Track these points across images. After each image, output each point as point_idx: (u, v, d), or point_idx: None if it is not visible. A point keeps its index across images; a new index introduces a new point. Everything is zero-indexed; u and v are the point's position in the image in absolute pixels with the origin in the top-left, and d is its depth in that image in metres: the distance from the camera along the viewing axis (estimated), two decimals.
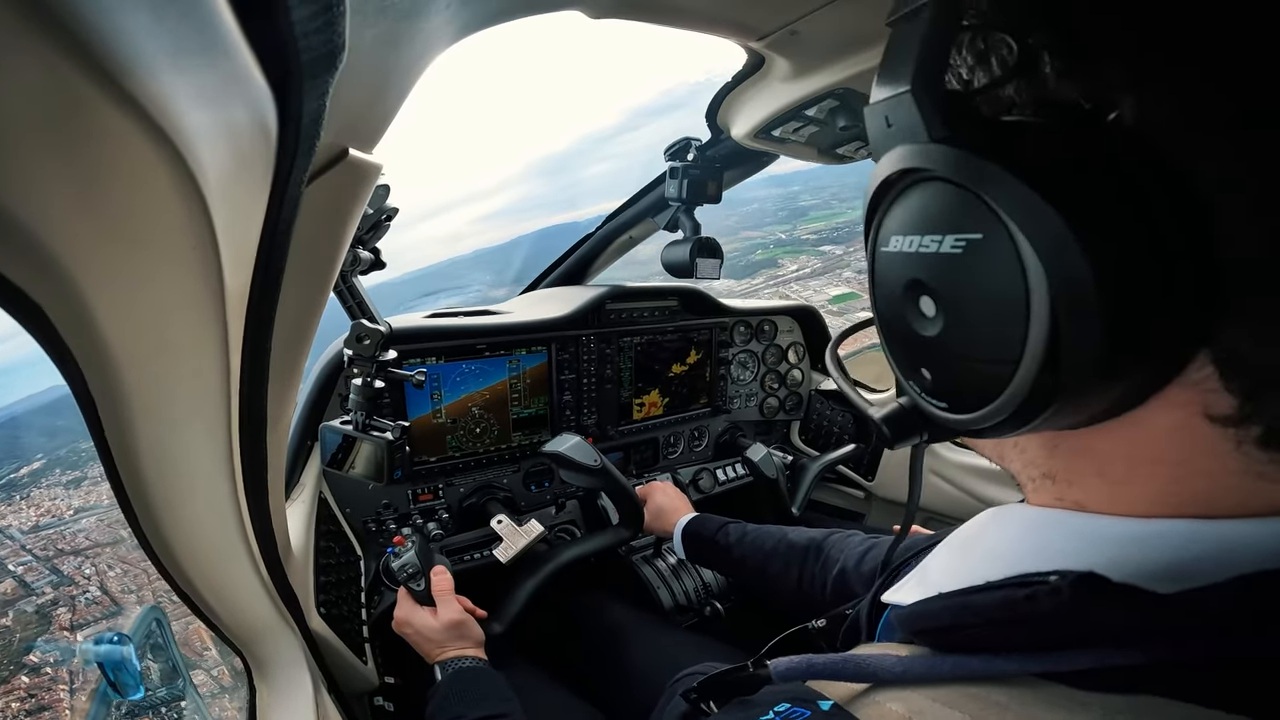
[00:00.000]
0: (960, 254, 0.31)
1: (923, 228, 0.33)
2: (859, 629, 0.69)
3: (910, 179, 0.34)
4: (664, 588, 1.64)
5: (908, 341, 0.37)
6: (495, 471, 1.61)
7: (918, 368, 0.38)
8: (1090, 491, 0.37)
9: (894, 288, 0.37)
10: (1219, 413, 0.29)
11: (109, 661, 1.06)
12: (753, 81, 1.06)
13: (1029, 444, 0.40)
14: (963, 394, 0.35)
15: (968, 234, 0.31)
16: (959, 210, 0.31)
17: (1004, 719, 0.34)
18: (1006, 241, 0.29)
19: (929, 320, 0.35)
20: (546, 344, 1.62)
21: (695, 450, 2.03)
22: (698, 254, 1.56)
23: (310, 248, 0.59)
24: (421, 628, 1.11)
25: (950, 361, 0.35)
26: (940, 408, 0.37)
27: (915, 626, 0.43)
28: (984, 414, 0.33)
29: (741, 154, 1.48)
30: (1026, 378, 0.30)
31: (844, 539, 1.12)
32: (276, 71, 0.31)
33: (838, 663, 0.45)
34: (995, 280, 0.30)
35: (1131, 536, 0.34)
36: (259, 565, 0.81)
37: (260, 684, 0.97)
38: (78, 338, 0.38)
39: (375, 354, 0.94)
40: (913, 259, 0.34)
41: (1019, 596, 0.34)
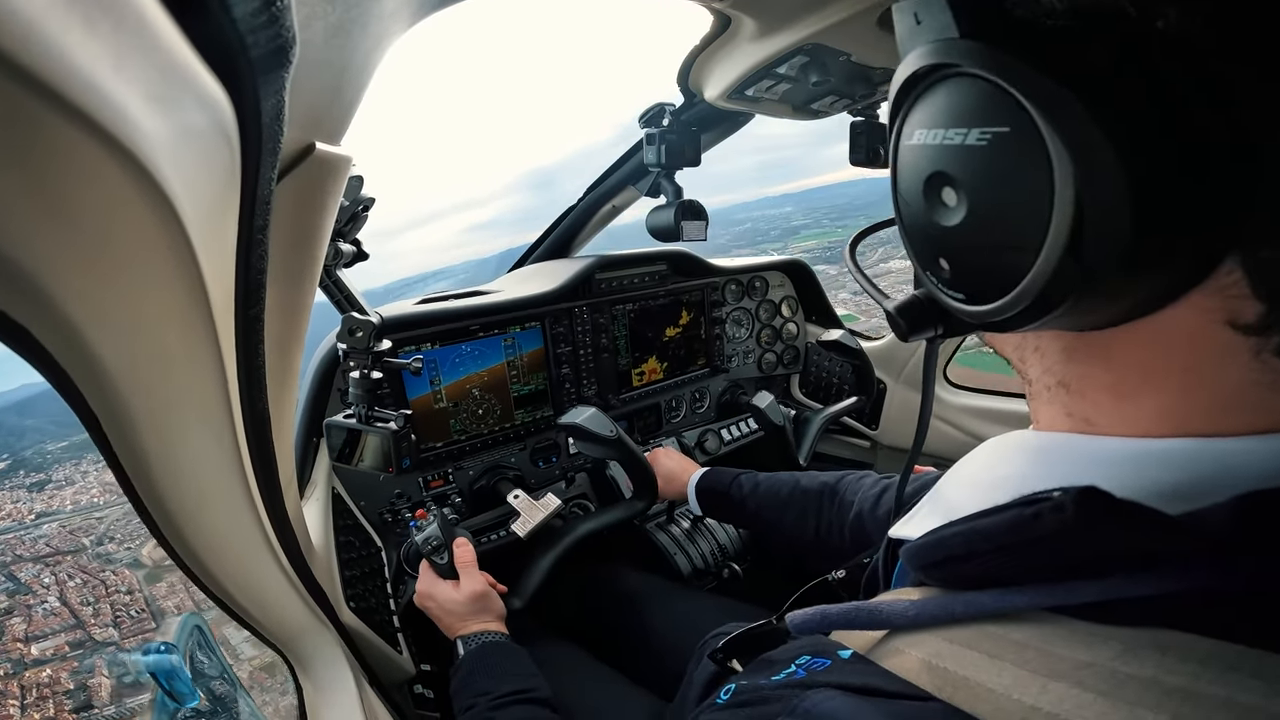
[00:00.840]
0: (986, 146, 0.32)
1: (948, 121, 0.34)
2: (878, 578, 0.70)
3: (937, 75, 0.34)
4: (680, 553, 1.66)
5: (928, 233, 0.38)
6: (502, 451, 1.63)
7: (936, 259, 0.38)
8: (1100, 406, 0.37)
9: (916, 180, 0.37)
10: (1243, 320, 0.29)
11: (160, 671, 1.08)
12: (721, 43, 1.04)
13: (1048, 347, 0.40)
14: (982, 283, 0.36)
15: (994, 127, 0.31)
16: (986, 104, 0.32)
17: (1023, 656, 0.34)
18: (1034, 135, 0.29)
19: (950, 210, 0.35)
20: (539, 319, 1.63)
21: (698, 412, 2.04)
22: (682, 217, 1.55)
23: (290, 245, 0.59)
24: (444, 600, 1.11)
25: (970, 250, 0.36)
26: (958, 299, 0.38)
27: (926, 559, 0.42)
28: (1003, 303, 0.34)
29: (716, 115, 1.46)
30: (1048, 265, 0.30)
31: (857, 481, 1.13)
32: (227, 72, 0.31)
33: (851, 612, 0.45)
34: (1021, 171, 0.30)
35: (1136, 454, 0.35)
36: (284, 565, 0.83)
37: (305, 682, 1.00)
38: (68, 356, 0.39)
39: (369, 345, 0.95)
40: (936, 151, 0.35)
41: (1026, 515, 0.34)
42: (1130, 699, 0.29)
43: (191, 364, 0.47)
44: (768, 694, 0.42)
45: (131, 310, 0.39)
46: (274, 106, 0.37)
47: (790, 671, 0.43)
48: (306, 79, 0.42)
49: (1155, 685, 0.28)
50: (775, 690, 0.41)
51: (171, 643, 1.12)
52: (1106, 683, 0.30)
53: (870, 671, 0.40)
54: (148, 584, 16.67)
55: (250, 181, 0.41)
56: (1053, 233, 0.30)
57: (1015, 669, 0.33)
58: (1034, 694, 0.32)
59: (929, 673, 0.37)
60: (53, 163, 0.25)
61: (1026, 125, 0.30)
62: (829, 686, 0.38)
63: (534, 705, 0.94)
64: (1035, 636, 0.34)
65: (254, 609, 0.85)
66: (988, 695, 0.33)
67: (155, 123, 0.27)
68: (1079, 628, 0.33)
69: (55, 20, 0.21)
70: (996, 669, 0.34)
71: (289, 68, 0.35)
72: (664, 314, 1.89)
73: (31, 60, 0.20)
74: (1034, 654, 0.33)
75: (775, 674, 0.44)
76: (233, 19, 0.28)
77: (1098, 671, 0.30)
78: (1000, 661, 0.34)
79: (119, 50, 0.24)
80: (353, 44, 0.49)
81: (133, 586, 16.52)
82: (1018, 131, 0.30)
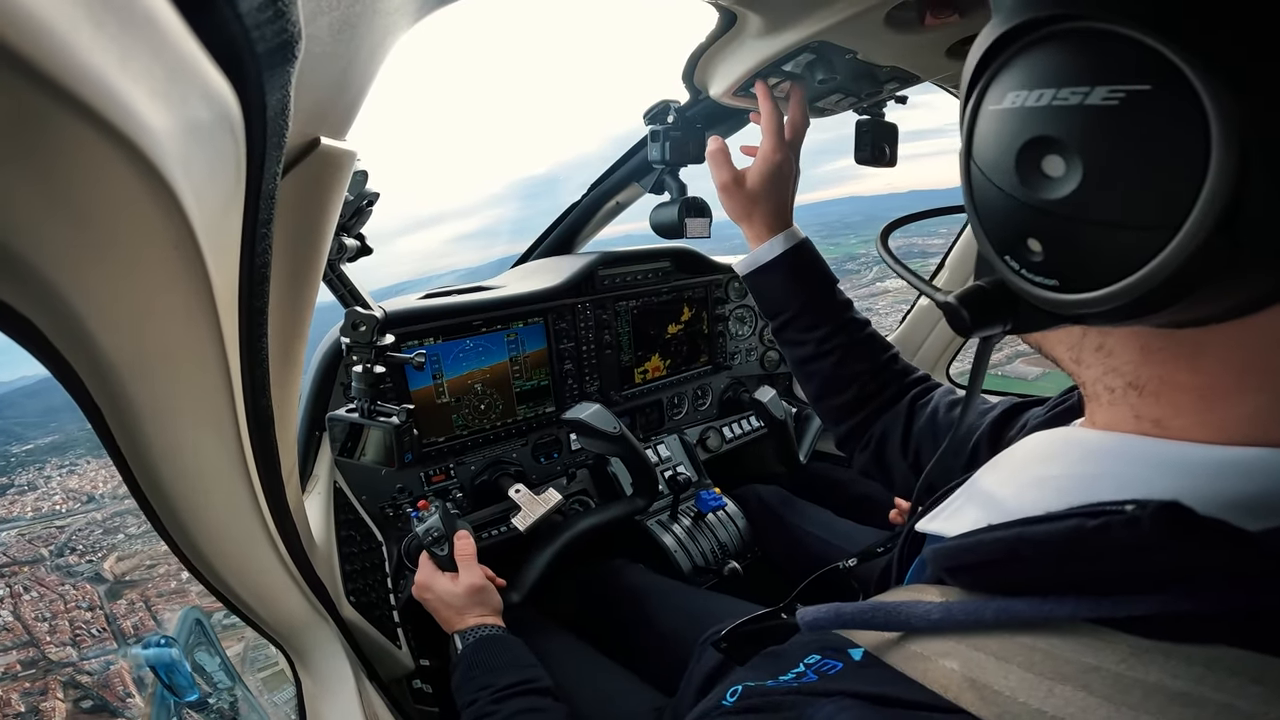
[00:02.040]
0: (1118, 105, 0.28)
1: (1062, 79, 0.30)
2: (889, 576, 0.66)
3: (1045, 29, 0.31)
4: (681, 551, 1.67)
5: (1015, 209, 0.34)
6: (504, 446, 1.63)
7: (1023, 239, 0.34)
8: (1179, 408, 0.34)
9: (1006, 148, 0.33)
10: None
11: (160, 664, 1.09)
12: (726, 40, 1.03)
13: (1119, 346, 0.37)
14: (1087, 267, 0.31)
15: (1131, 85, 0.27)
16: (1120, 60, 0.28)
17: (1030, 661, 0.32)
18: (1185, 94, 0.26)
19: (1054, 181, 0.31)
20: (542, 315, 1.63)
21: (700, 409, 2.04)
22: (686, 214, 1.55)
23: (295, 239, 0.59)
24: (442, 593, 1.11)
25: (1079, 227, 0.31)
26: (1048, 286, 0.33)
27: (957, 562, 0.39)
28: (1114, 290, 0.30)
29: (721, 112, 1.46)
30: (1189, 242, 0.26)
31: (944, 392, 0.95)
32: (233, 66, 0.31)
33: (867, 611, 0.42)
34: (1163, 136, 0.27)
35: (1220, 464, 0.32)
36: (285, 560, 0.83)
37: (304, 676, 1.00)
38: (72, 348, 0.39)
39: (373, 339, 0.95)
40: (1040, 114, 0.31)
41: (1088, 527, 0.30)
42: (1133, 704, 0.28)
43: (195, 357, 0.47)
44: (777, 699, 0.39)
45: (136, 303, 0.39)
46: (279, 101, 0.37)
47: (799, 671, 0.41)
48: (312, 74, 0.42)
49: (1159, 690, 0.28)
50: (785, 695, 0.39)
51: (171, 636, 1.13)
52: (1111, 687, 0.29)
53: (886, 678, 0.38)
54: (109, 600, 16.13)
55: (255, 176, 0.41)
56: (1201, 206, 0.26)
57: (1056, 684, 0.31)
58: (1039, 697, 0.31)
59: (945, 675, 0.35)
60: (59, 157, 0.25)
61: (1175, 83, 0.26)
62: (843, 695, 0.36)
63: (536, 695, 0.93)
64: (1074, 649, 0.32)
65: (254, 602, 0.85)
66: (994, 698, 0.32)
67: (161, 118, 0.27)
68: (1122, 640, 0.31)
69: (63, 17, 0.21)
70: (1003, 671, 0.33)
71: (294, 63, 0.35)
72: (667, 311, 1.89)
73: (39, 56, 0.20)
74: (1041, 657, 0.32)
75: (783, 673, 0.42)
76: (239, 14, 0.28)
77: (1104, 676, 0.30)
78: (1038, 677, 0.32)
79: (125, 46, 0.24)
80: (358, 39, 0.49)
81: (94, 602, 15.97)
82: (1163, 90, 0.27)
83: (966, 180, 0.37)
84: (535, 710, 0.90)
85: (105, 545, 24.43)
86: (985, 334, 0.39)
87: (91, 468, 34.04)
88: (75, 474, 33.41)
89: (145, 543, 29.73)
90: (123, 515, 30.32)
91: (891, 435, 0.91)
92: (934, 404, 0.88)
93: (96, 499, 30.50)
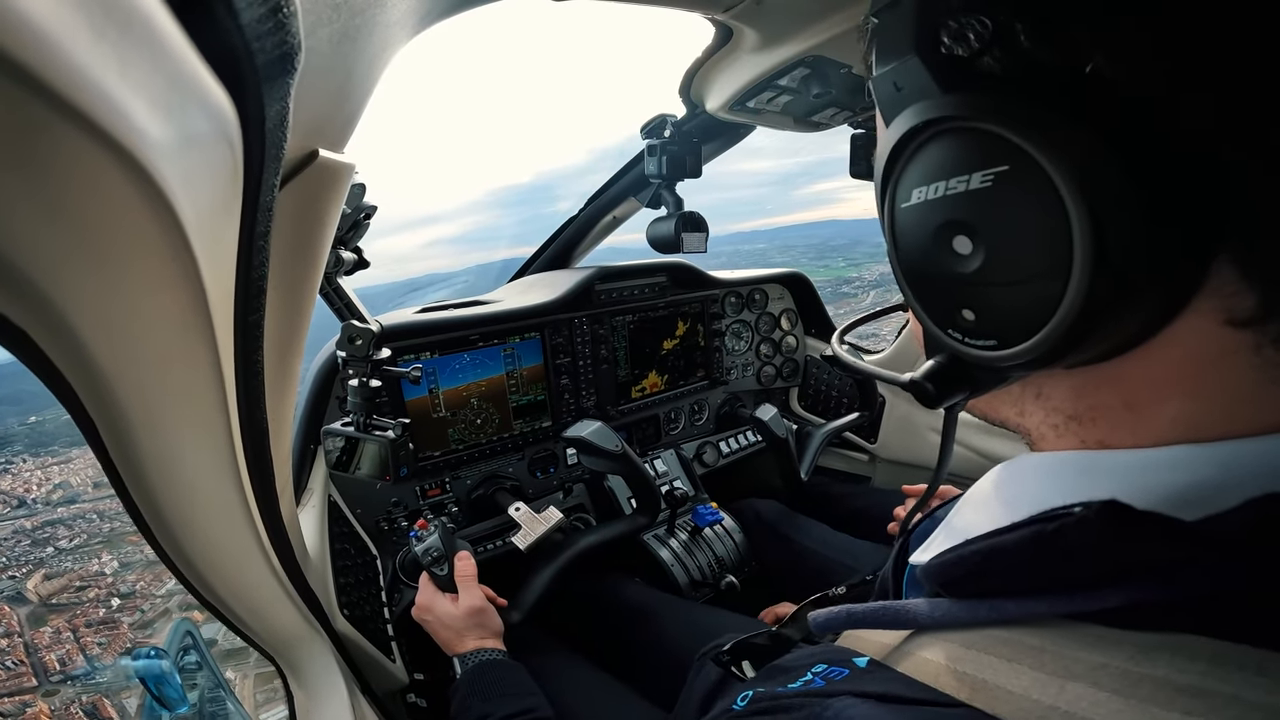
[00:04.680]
0: (989, 186, 0.33)
1: (947, 172, 0.35)
2: (888, 591, 0.69)
3: (927, 133, 0.36)
4: (678, 565, 1.66)
5: (944, 287, 0.38)
6: (500, 461, 1.62)
7: (958, 311, 0.38)
8: (1115, 426, 0.37)
9: (923, 238, 0.38)
10: (1240, 314, 0.30)
11: (150, 676, 1.07)
12: (723, 54, 1.05)
13: (1054, 390, 0.40)
14: (1015, 322, 0.35)
15: (993, 167, 0.33)
16: (977, 148, 0.33)
17: (1040, 662, 0.34)
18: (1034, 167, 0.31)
19: (966, 257, 0.36)
20: (539, 329, 1.63)
21: (696, 424, 2.04)
22: (683, 228, 1.56)
23: (291, 251, 0.59)
24: (442, 615, 1.10)
25: (996, 290, 0.36)
26: (988, 347, 0.37)
27: (942, 578, 0.42)
28: (1040, 337, 0.34)
29: (718, 127, 1.48)
30: (1082, 281, 0.31)
31: None
32: (232, 78, 0.31)
33: (877, 611, 0.45)
34: (1030, 202, 0.32)
35: (1148, 464, 0.35)
36: (278, 572, 0.82)
37: (297, 690, 0.99)
38: (66, 359, 0.38)
39: (369, 353, 0.95)
40: (940, 204, 0.36)
41: (1047, 532, 0.34)
42: (1144, 696, 0.30)
43: (190, 369, 0.46)
44: (787, 702, 0.41)
45: (131, 315, 0.39)
46: (278, 113, 0.37)
47: (807, 680, 0.43)
48: (311, 86, 0.42)
49: (1167, 684, 0.29)
50: (794, 698, 0.41)
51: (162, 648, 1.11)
52: (1120, 681, 0.31)
53: (890, 678, 0.40)
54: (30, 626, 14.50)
55: (252, 188, 0.41)
56: (1078, 250, 0.30)
57: (1033, 671, 0.34)
58: (1052, 694, 0.32)
59: (951, 676, 0.37)
60: (55, 166, 0.25)
61: (1023, 159, 0.31)
62: (850, 694, 0.39)
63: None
64: (1051, 641, 0.35)
65: (247, 615, 0.84)
66: (1007, 697, 0.34)
67: (159, 128, 0.27)
68: (1094, 632, 0.34)
69: (63, 24, 0.21)
70: (1014, 672, 0.35)
71: (294, 75, 0.35)
72: (664, 325, 1.90)
73: (38, 64, 0.20)
74: (1050, 657, 0.34)
75: (791, 681, 0.44)
76: (239, 25, 0.28)
77: (1112, 672, 0.31)
78: (1018, 665, 0.35)
79: (125, 55, 0.24)
80: (357, 51, 0.49)
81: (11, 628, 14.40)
82: (1016, 166, 0.32)
83: (898, 272, 0.42)
84: None
85: (32, 559, 22.80)
86: (949, 403, 0.43)
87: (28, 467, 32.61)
88: (9, 473, 31.73)
89: (77, 560, 28.33)
90: (54, 525, 29.10)
91: None
92: None
93: (29, 504, 28.54)
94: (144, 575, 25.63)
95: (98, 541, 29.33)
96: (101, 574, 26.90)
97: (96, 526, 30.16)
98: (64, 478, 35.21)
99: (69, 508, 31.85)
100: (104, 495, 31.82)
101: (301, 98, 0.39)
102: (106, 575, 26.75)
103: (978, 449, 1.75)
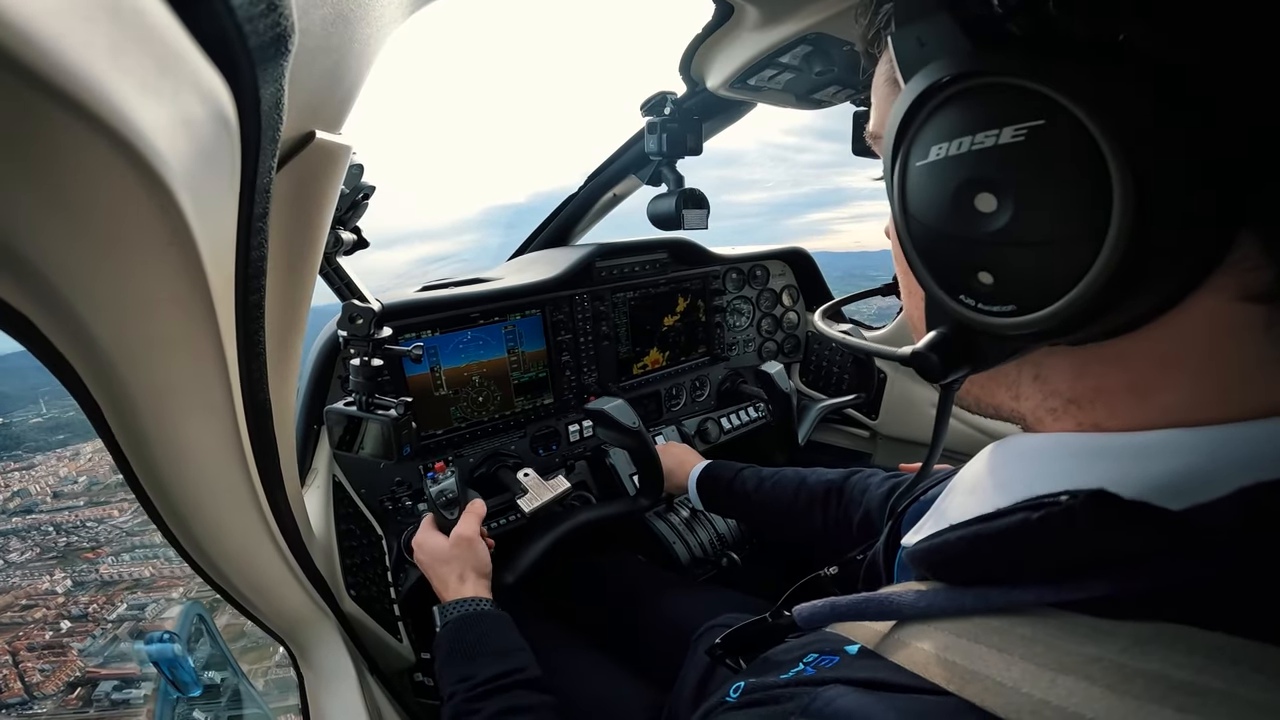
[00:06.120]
0: (1024, 140, 0.32)
1: (974, 127, 0.34)
2: (878, 573, 0.69)
3: (953, 89, 0.35)
4: (679, 542, 1.67)
5: (961, 249, 0.37)
6: (502, 439, 1.63)
7: (974, 275, 0.36)
8: (1114, 410, 0.37)
9: (940, 197, 0.36)
10: (1257, 289, 0.30)
11: (163, 660, 1.09)
12: (724, 32, 1.03)
13: (1053, 371, 0.40)
14: (1035, 287, 0.34)
15: (1029, 122, 0.32)
16: (1008, 102, 0.32)
17: (1032, 652, 0.33)
18: (1075, 124, 0.30)
19: (990, 216, 0.34)
20: (540, 306, 1.63)
21: (698, 400, 2.04)
22: (683, 205, 1.55)
23: (290, 233, 0.59)
24: (431, 549, 1.11)
25: (1020, 254, 0.34)
26: (1006, 313, 0.36)
27: (930, 561, 0.42)
28: (1061, 305, 0.33)
29: (718, 104, 1.46)
30: (1122, 235, 0.30)
31: (864, 479, 1.11)
32: (225, 60, 0.31)
33: (861, 603, 0.45)
34: (1067, 159, 0.31)
35: (1139, 449, 0.34)
36: (285, 553, 0.83)
37: (306, 670, 1.01)
38: (69, 344, 0.39)
39: (370, 332, 0.95)
40: (963, 160, 0.35)
41: (1033, 519, 0.34)
42: (1137, 693, 0.29)
43: (192, 352, 0.47)
44: (779, 692, 0.41)
45: (132, 299, 0.39)
46: (273, 95, 0.37)
47: (799, 670, 0.43)
48: (305, 67, 0.42)
49: (1162, 680, 0.29)
50: (786, 689, 0.41)
51: (173, 631, 1.13)
52: (1114, 676, 0.30)
53: (880, 666, 0.40)
54: None
55: (250, 170, 0.41)
56: (1117, 209, 0.29)
57: (1024, 663, 0.33)
58: (1044, 687, 0.32)
59: (940, 665, 0.37)
60: (50, 153, 0.25)
61: (1061, 115, 0.30)
62: (839, 682, 0.38)
63: (520, 689, 0.86)
64: (1042, 630, 0.34)
65: (255, 597, 0.86)
66: (998, 689, 0.33)
67: (153, 112, 0.27)
68: (1083, 622, 0.33)
69: (50, 11, 0.21)
70: (1005, 663, 0.34)
71: (288, 56, 0.35)
72: (665, 302, 1.89)
73: (28, 52, 0.20)
74: (1042, 648, 0.33)
75: (784, 672, 0.44)
76: (230, 7, 0.28)
77: (1105, 666, 0.31)
78: (1009, 655, 0.34)
79: (115, 40, 0.23)
80: (351, 32, 0.48)
81: None
82: (1053, 122, 0.31)
83: (906, 238, 0.40)
84: (519, 711, 0.83)
85: None
86: (953, 378, 0.42)
87: None
88: None
89: (27, 575, 27.95)
90: (6, 536, 28.60)
91: None
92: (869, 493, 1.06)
93: None
94: (97, 597, 25.38)
95: (52, 556, 29.02)
96: (52, 592, 26.63)
97: (52, 540, 29.83)
98: (24, 485, 34.82)
99: (24, 518, 31.43)
100: (62, 507, 31.45)
101: (296, 80, 0.39)
102: (58, 594, 26.51)
103: (980, 427, 1.75)
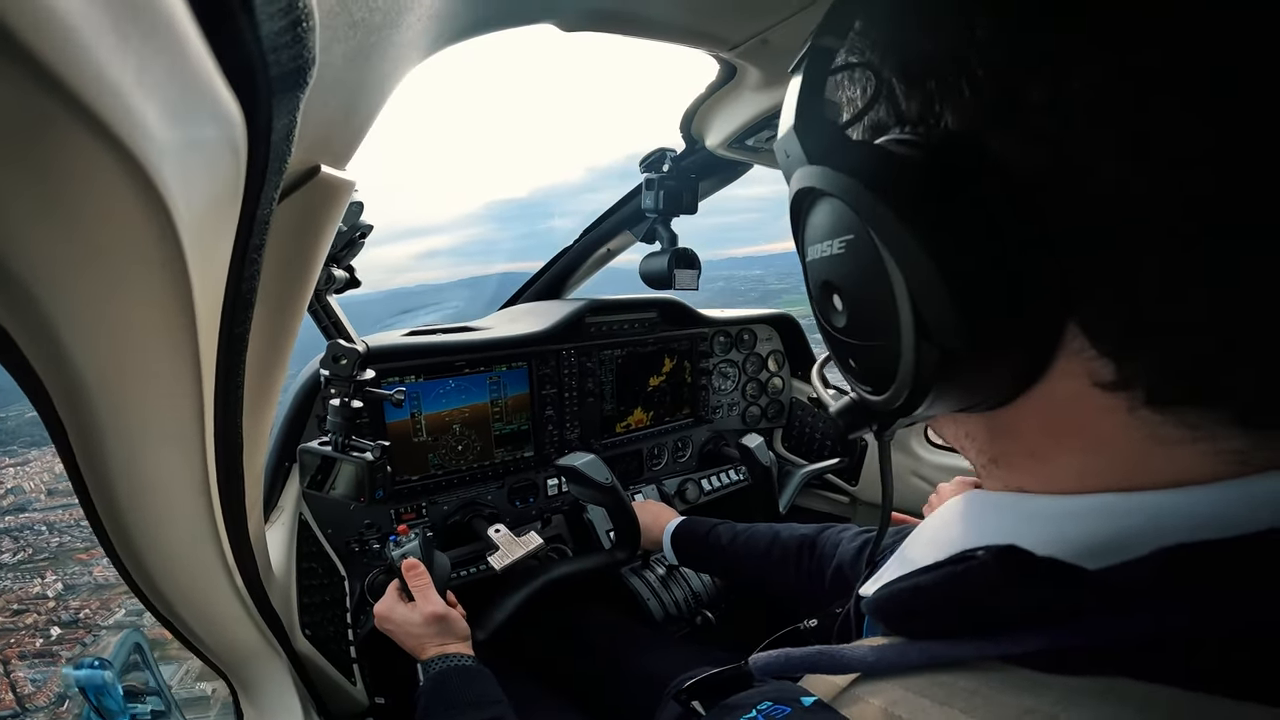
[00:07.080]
0: (843, 253, 0.36)
1: (819, 236, 0.38)
2: (850, 626, 0.69)
3: (807, 198, 0.39)
4: (654, 598, 1.63)
5: (834, 338, 0.41)
6: (479, 488, 1.60)
7: (846, 360, 0.41)
8: (1026, 473, 0.39)
9: (816, 291, 0.41)
10: (1103, 379, 0.31)
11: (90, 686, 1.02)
12: (725, 92, 1.07)
13: (975, 431, 0.42)
14: (877, 375, 0.38)
15: (843, 236, 0.36)
16: (833, 217, 0.36)
17: (971, 704, 0.34)
18: (868, 239, 0.33)
19: (840, 314, 0.39)
20: (526, 359, 1.62)
21: (679, 461, 2.02)
22: (675, 265, 1.57)
23: (283, 266, 0.58)
24: (401, 621, 1.08)
25: (859, 347, 0.39)
26: (869, 392, 0.40)
27: (884, 611, 0.43)
28: (893, 391, 0.36)
29: (716, 163, 1.50)
30: (908, 350, 0.33)
31: (837, 534, 1.12)
32: (245, 88, 0.31)
33: (814, 655, 0.46)
34: (867, 271, 0.34)
35: (1056, 512, 0.36)
36: (239, 588, 0.79)
37: (248, 708, 0.95)
38: (42, 359, 0.37)
39: (353, 374, 0.93)
40: (819, 263, 0.39)
41: (958, 573, 0.35)
42: None
43: (169, 379, 0.45)
44: None
45: (114, 319, 0.38)
46: (285, 126, 0.37)
47: (752, 717, 0.43)
48: (320, 101, 0.42)
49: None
50: None
51: (106, 658, 1.06)
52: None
53: (829, 719, 0.40)
54: None
55: (252, 199, 0.40)
56: (902, 321, 0.33)
57: (964, 715, 0.33)
58: None
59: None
60: (57, 163, 0.25)
61: (861, 231, 0.34)
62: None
63: None
64: (984, 684, 0.34)
65: (201, 630, 0.82)
66: None
67: (167, 133, 0.26)
68: (1024, 676, 0.33)
69: (90, 25, 0.21)
70: (946, 716, 0.34)
71: (305, 89, 0.35)
72: (651, 361, 1.90)
73: (62, 63, 0.20)
74: (981, 701, 0.33)
75: (737, 718, 0.44)
76: (258, 36, 0.28)
77: (1039, 717, 0.31)
78: (950, 709, 0.34)
79: (144, 59, 0.23)
80: (369, 69, 0.49)
81: None
82: (857, 237, 0.34)
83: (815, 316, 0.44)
84: None
85: None
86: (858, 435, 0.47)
87: None
88: None
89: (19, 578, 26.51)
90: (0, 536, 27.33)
91: None
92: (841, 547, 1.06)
93: None
94: (90, 601, 24.17)
95: (43, 558, 27.71)
96: (43, 596, 25.34)
97: (45, 540, 28.58)
98: (17, 482, 33.50)
99: (17, 516, 30.19)
100: (56, 505, 30.24)
101: (309, 112, 0.39)
102: (49, 599, 25.22)
103: (965, 469, 1.74)
